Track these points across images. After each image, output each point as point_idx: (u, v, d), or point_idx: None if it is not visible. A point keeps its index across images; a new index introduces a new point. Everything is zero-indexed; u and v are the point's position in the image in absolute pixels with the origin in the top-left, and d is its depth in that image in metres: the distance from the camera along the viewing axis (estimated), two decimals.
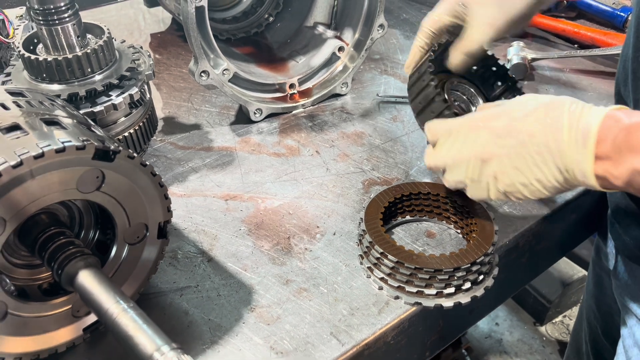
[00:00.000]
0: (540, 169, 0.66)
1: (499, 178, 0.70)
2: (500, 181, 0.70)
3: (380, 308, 0.75)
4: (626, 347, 0.90)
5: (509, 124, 0.69)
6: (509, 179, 0.69)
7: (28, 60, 0.85)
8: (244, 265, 0.81)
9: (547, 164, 0.66)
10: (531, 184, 0.68)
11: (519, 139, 0.67)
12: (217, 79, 1.04)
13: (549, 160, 0.65)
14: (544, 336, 2.27)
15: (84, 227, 0.72)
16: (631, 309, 0.89)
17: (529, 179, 0.68)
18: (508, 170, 0.69)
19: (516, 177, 0.69)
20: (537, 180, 0.67)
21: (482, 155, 0.71)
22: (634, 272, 0.88)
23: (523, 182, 0.68)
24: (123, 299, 0.57)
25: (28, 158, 0.55)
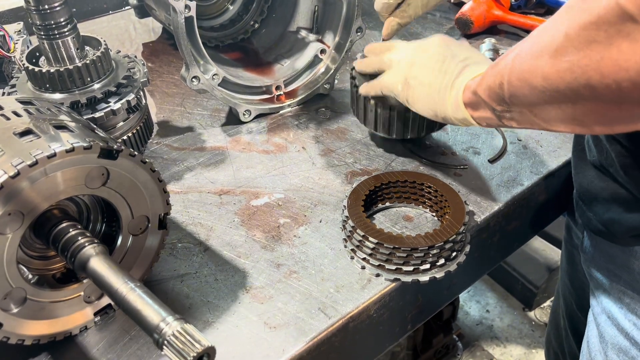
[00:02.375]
0: (440, 80, 0.85)
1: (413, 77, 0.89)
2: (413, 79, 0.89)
3: (363, 285, 0.82)
4: (595, 315, 0.97)
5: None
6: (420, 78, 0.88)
7: (32, 72, 0.93)
8: (238, 253, 0.88)
9: (444, 78, 0.84)
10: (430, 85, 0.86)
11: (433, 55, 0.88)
12: (207, 84, 1.11)
13: (446, 77, 0.84)
14: (533, 321, 2.36)
15: (91, 221, 0.79)
16: (597, 279, 0.96)
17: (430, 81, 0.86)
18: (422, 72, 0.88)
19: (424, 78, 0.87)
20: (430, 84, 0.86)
21: (412, 60, 0.91)
22: (599, 245, 0.95)
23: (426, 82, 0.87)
24: (130, 280, 0.64)
25: (42, 158, 0.62)
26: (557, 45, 0.58)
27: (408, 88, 0.89)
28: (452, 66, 0.84)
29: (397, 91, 0.92)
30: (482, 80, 0.75)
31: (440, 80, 0.84)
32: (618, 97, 0.54)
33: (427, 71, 0.86)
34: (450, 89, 0.83)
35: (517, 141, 1.11)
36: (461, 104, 0.80)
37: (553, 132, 1.13)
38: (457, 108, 0.81)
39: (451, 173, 1.03)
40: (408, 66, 0.90)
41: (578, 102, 0.58)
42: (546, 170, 1.03)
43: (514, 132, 1.13)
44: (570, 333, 1.28)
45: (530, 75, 0.62)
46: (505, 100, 0.70)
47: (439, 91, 0.84)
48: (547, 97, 0.61)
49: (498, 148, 1.09)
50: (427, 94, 0.86)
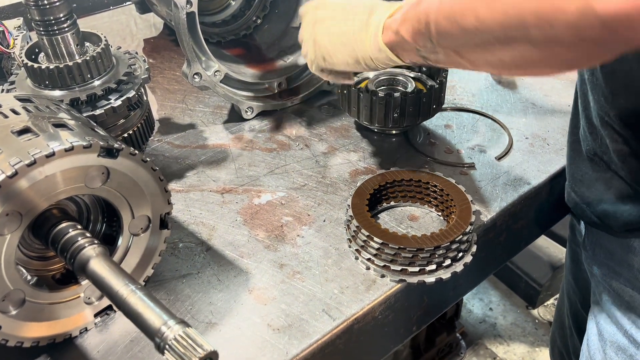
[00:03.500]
0: (350, 24, 0.79)
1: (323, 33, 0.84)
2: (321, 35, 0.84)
3: (368, 286, 0.81)
4: (595, 312, 0.96)
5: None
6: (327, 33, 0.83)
7: (31, 68, 0.91)
8: (240, 253, 0.87)
9: (354, 21, 0.79)
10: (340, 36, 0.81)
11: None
12: (209, 81, 1.09)
13: (356, 19, 0.79)
14: (537, 319, 2.34)
15: (91, 221, 0.77)
16: (598, 276, 0.95)
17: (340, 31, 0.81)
18: (328, 26, 0.83)
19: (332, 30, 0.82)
20: (343, 33, 0.80)
21: (314, 18, 0.85)
22: (598, 240, 0.93)
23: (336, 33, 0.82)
24: (131, 281, 0.63)
25: (41, 157, 0.61)
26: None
27: (319, 46, 0.84)
28: (360, 8, 0.79)
29: (312, 56, 0.86)
30: (404, 20, 0.71)
31: (351, 25, 0.79)
32: (549, 39, 0.53)
33: (333, 22, 0.82)
34: (366, 31, 0.78)
35: (523, 139, 1.09)
36: (382, 45, 0.75)
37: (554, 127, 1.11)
38: (379, 50, 0.76)
39: (457, 172, 1.01)
40: (311, 25, 0.85)
41: (509, 44, 0.57)
42: (553, 169, 1.01)
43: (519, 129, 1.12)
44: (574, 332, 1.27)
45: (462, 17, 0.60)
46: (431, 41, 0.66)
47: (354, 35, 0.79)
48: (478, 40, 0.60)
49: (504, 146, 1.07)
50: (342, 43, 0.81)
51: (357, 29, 0.79)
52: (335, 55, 0.83)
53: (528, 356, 2.21)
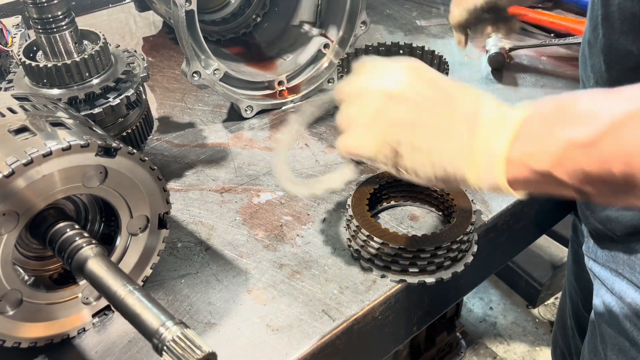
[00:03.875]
0: (444, 142, 0.59)
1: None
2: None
3: (368, 286, 0.80)
4: (597, 314, 0.96)
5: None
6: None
7: (29, 67, 0.90)
8: (240, 252, 0.86)
9: (451, 138, 0.58)
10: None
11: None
12: (208, 79, 1.09)
13: (454, 135, 0.58)
14: (537, 318, 2.34)
15: (89, 221, 0.77)
16: (600, 278, 0.94)
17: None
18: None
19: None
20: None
21: (384, 114, 0.62)
22: (601, 243, 0.93)
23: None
24: (129, 282, 0.62)
25: (38, 156, 0.60)
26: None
27: (397, 155, 0.62)
28: (456, 117, 0.59)
29: (382, 160, 0.63)
30: (563, 160, 0.52)
31: (446, 143, 0.59)
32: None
33: (417, 132, 0.60)
34: (470, 158, 0.57)
35: None
36: (503, 181, 0.56)
37: None
38: (492, 186, 0.57)
39: None
40: (382, 124, 0.62)
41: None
42: None
43: None
44: (576, 332, 1.26)
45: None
46: (616, 184, 0.50)
47: (451, 161, 0.59)
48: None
49: None
50: (432, 164, 0.60)
51: (456, 152, 0.58)
52: (419, 171, 0.61)
53: (528, 355, 2.21)
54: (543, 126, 0.53)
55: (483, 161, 0.56)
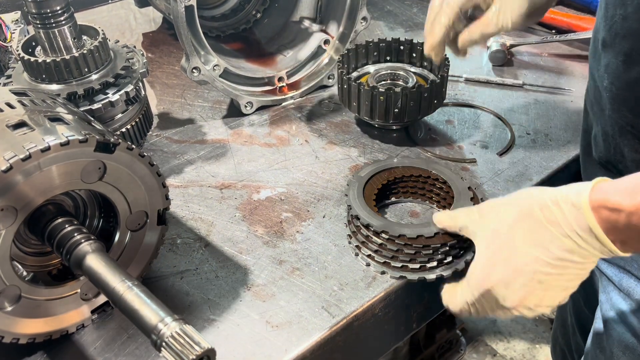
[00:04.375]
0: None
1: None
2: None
3: (367, 283, 0.80)
4: (604, 312, 0.95)
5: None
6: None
7: (28, 62, 0.90)
8: (239, 249, 0.86)
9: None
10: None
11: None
12: (208, 75, 1.08)
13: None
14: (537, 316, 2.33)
15: (88, 216, 0.77)
16: (607, 275, 0.93)
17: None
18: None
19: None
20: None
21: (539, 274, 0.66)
22: None
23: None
24: (128, 278, 0.62)
25: (36, 152, 0.60)
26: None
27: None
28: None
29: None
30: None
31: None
32: None
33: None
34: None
35: (525, 135, 1.08)
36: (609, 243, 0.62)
37: (557, 123, 1.10)
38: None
39: (459, 167, 1.00)
40: (534, 282, 0.67)
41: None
42: (555, 165, 1.00)
43: (522, 125, 1.10)
44: (577, 330, 1.26)
45: None
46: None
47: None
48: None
49: (506, 141, 1.06)
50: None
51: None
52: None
53: (528, 353, 2.21)
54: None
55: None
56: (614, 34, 0.78)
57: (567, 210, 0.63)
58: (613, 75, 0.79)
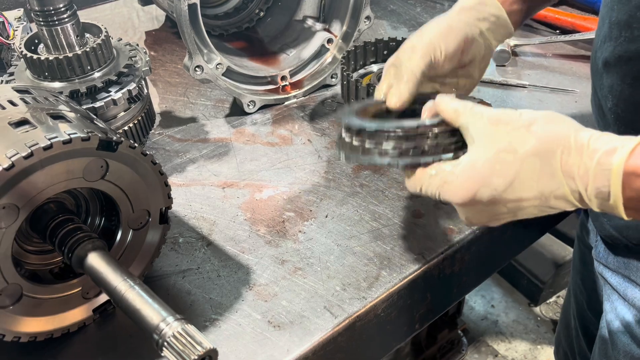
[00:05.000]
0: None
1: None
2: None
3: (370, 283, 0.80)
4: (608, 321, 0.94)
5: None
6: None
7: (30, 60, 0.90)
8: (241, 248, 0.86)
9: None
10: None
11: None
12: (211, 73, 1.08)
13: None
14: (539, 316, 2.33)
15: (90, 215, 0.76)
16: (612, 284, 0.92)
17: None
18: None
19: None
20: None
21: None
22: (613, 249, 0.91)
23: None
24: (130, 277, 0.62)
25: (38, 149, 0.60)
26: None
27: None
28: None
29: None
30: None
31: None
32: None
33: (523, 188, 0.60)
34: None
35: None
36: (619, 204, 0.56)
37: None
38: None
39: None
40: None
41: None
42: None
43: None
44: (580, 333, 1.25)
45: None
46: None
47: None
48: None
49: None
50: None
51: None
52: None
53: (530, 354, 2.20)
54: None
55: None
56: (617, 55, 0.75)
57: (591, 168, 0.55)
58: (618, 98, 0.77)
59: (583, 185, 0.56)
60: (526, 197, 0.60)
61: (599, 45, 0.80)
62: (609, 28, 0.76)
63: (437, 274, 0.84)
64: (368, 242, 0.86)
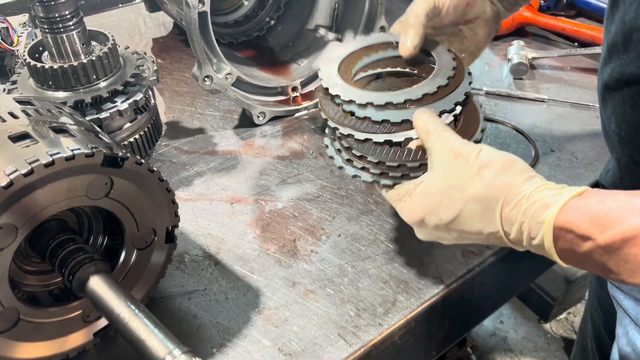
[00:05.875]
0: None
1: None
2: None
3: (387, 308, 0.75)
4: (620, 346, 0.90)
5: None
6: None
7: (34, 68, 0.86)
8: (250, 268, 0.82)
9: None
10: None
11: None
12: (220, 84, 1.04)
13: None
14: (549, 333, 2.28)
15: (92, 233, 0.72)
16: (624, 307, 0.89)
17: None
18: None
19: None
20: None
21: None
22: None
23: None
24: (134, 304, 0.58)
25: (39, 166, 0.56)
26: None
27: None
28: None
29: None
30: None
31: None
32: None
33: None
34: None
35: (549, 152, 1.03)
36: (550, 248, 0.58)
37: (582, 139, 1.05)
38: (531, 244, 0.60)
39: None
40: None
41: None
42: (583, 185, 0.95)
43: (545, 141, 1.06)
44: (597, 355, 1.21)
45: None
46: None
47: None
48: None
49: (529, 159, 1.02)
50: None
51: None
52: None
53: None
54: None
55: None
56: (616, 78, 0.74)
57: (526, 220, 0.58)
58: (620, 119, 0.76)
59: (520, 234, 0.59)
60: (468, 231, 0.64)
61: (601, 68, 0.79)
62: (608, 50, 0.76)
63: (456, 298, 0.80)
64: (383, 263, 0.82)
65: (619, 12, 0.72)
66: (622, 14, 0.71)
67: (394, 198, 0.72)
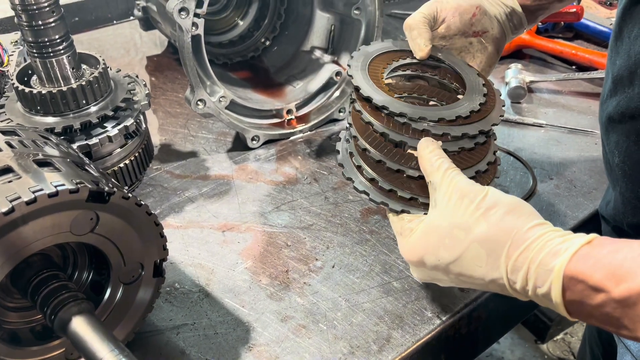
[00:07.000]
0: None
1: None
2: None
3: (381, 345, 0.73)
4: None
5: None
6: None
7: (22, 93, 0.84)
8: (241, 301, 0.79)
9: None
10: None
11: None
12: (213, 107, 1.03)
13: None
14: (546, 354, 2.25)
15: (78, 268, 0.70)
16: (625, 343, 0.87)
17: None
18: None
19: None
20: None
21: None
22: None
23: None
24: (118, 348, 0.55)
25: (20, 204, 0.54)
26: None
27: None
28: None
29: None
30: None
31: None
32: None
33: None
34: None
35: (548, 180, 1.02)
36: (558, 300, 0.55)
37: (581, 167, 1.04)
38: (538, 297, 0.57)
39: None
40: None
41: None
42: (582, 215, 0.94)
43: (544, 168, 1.04)
44: None
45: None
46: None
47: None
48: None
49: (527, 186, 1.00)
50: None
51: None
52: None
53: None
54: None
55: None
56: (620, 112, 0.73)
57: (533, 268, 0.55)
58: (624, 154, 0.74)
59: (525, 282, 0.56)
60: (469, 275, 0.61)
61: (604, 100, 0.78)
62: (612, 83, 0.75)
63: (452, 334, 0.78)
64: (378, 297, 0.80)
65: (624, 46, 0.70)
66: (627, 47, 0.70)
67: (397, 229, 0.70)
